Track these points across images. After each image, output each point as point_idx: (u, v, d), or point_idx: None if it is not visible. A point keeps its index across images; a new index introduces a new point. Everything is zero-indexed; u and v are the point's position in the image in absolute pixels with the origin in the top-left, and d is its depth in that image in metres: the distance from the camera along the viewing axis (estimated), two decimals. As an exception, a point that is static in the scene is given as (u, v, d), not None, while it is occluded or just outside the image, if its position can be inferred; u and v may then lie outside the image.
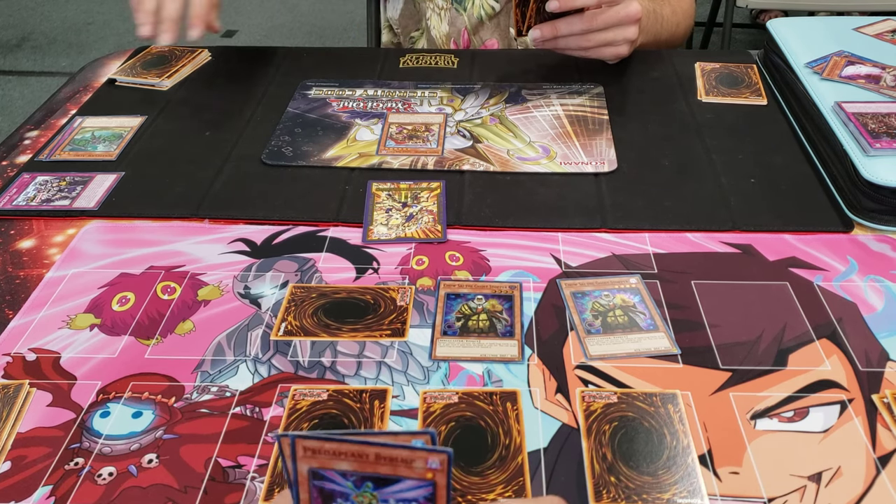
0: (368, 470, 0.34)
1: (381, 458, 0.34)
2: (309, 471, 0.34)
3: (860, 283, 0.64)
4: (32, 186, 0.76)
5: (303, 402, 0.54)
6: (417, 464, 0.33)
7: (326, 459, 0.34)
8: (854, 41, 0.89)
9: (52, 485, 0.49)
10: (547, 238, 0.69)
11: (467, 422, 0.52)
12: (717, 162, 0.79)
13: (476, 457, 0.50)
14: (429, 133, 0.83)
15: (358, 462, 0.34)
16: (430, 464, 0.33)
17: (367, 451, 0.34)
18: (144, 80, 0.95)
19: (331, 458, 0.34)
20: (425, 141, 0.82)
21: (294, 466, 0.34)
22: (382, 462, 0.34)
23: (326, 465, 0.34)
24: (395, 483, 0.34)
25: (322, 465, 0.34)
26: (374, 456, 0.34)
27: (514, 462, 0.50)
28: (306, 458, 0.34)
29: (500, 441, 0.51)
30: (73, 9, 3.40)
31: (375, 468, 0.34)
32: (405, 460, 0.33)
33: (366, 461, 0.34)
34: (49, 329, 0.61)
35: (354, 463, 0.34)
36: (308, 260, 0.67)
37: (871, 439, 0.51)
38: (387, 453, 0.34)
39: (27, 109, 2.60)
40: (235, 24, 3.25)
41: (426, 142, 0.82)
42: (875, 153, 0.69)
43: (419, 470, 0.34)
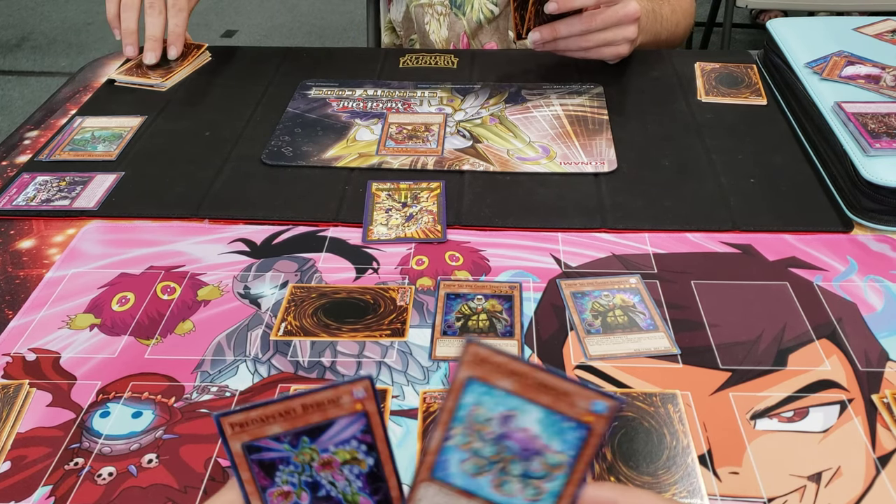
0: (300, 424, 0.33)
1: (307, 407, 0.33)
2: (243, 446, 0.34)
3: (860, 283, 0.64)
4: (32, 186, 0.76)
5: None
6: (344, 399, 0.33)
7: (256, 429, 0.33)
8: (854, 41, 0.89)
9: (51, 485, 0.49)
10: (547, 238, 0.69)
11: None
12: (717, 162, 0.79)
13: None
14: (428, 133, 0.83)
15: (288, 420, 0.33)
16: (356, 394, 0.33)
17: (292, 406, 0.33)
18: (144, 80, 0.95)
19: (260, 426, 0.33)
20: (425, 141, 0.82)
21: (227, 447, 0.34)
22: (311, 410, 0.33)
23: (258, 434, 0.33)
24: (329, 428, 0.33)
25: (253, 435, 0.33)
26: (300, 408, 0.33)
27: None
28: (236, 435, 0.33)
29: None
30: (73, 9, 3.40)
31: (306, 420, 0.33)
32: (332, 400, 0.33)
33: (295, 416, 0.33)
34: (49, 329, 0.61)
35: (285, 422, 0.33)
36: (308, 260, 0.67)
37: (870, 439, 0.51)
38: (311, 399, 0.33)
39: (27, 109, 2.60)
40: (235, 24, 3.25)
41: (426, 142, 0.82)
42: (875, 153, 0.69)
43: (348, 405, 0.33)
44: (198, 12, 3.30)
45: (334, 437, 0.34)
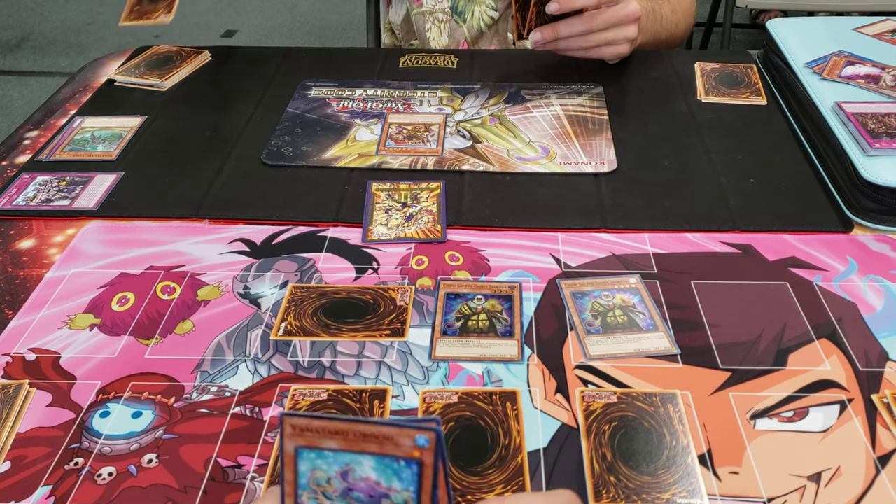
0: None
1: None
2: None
3: (860, 283, 0.64)
4: (32, 186, 0.76)
5: (303, 402, 0.54)
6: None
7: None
8: (854, 41, 0.89)
9: (51, 485, 0.49)
10: (546, 238, 0.69)
11: (467, 422, 0.52)
12: (717, 162, 0.79)
13: (476, 457, 0.50)
14: (428, 133, 0.83)
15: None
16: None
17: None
18: (144, 80, 0.95)
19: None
20: (425, 141, 0.82)
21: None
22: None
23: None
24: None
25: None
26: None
27: (513, 462, 0.50)
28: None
29: (499, 441, 0.51)
30: (73, 9, 3.40)
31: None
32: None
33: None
34: (49, 329, 0.61)
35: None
36: (308, 260, 0.67)
37: (870, 439, 0.51)
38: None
39: (27, 109, 2.60)
40: (235, 25, 3.25)
41: (426, 142, 0.82)
42: (875, 153, 0.69)
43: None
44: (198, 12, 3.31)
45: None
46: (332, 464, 0.34)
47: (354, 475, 0.34)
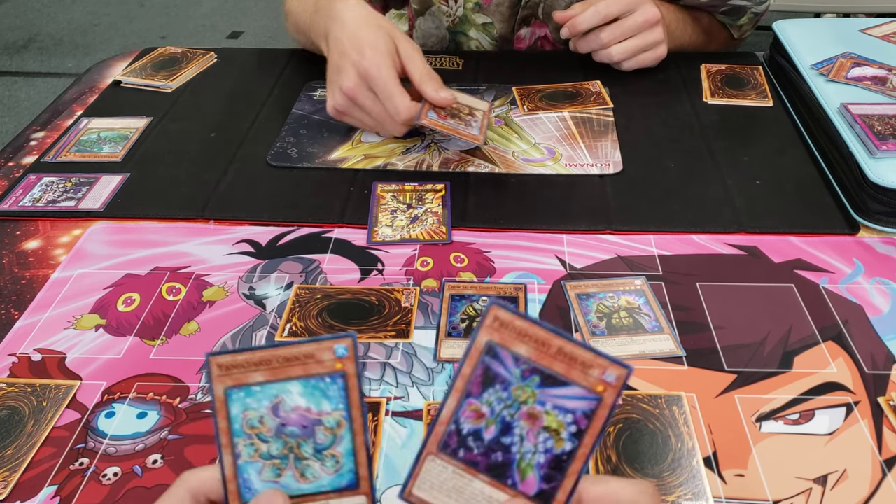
0: (544, 362, 0.32)
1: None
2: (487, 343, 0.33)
3: (866, 286, 0.64)
4: (38, 187, 0.77)
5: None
6: (594, 372, 0.32)
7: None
8: (860, 43, 0.88)
9: (57, 485, 0.49)
10: (551, 240, 0.69)
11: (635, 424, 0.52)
12: (723, 164, 0.78)
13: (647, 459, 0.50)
14: (472, 118, 0.79)
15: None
16: (607, 376, 0.32)
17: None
18: (150, 81, 0.95)
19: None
20: (468, 124, 0.78)
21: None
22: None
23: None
24: (562, 387, 0.33)
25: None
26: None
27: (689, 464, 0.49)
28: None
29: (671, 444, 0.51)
30: (80, 10, 3.41)
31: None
32: (584, 363, 0.32)
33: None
34: (55, 329, 0.61)
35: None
36: (313, 261, 0.67)
37: (876, 442, 0.51)
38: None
39: (33, 110, 2.61)
40: (241, 26, 3.25)
41: (468, 125, 0.78)
42: (881, 155, 0.69)
43: (593, 380, 0.32)
44: (203, 14, 3.31)
45: (561, 397, 0.33)
46: (262, 399, 0.34)
47: (285, 407, 0.34)
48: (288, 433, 0.34)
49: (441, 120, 0.75)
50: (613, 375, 0.32)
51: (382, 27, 0.76)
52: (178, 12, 3.36)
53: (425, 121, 0.73)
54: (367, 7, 0.79)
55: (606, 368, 0.32)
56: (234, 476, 0.34)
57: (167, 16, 3.33)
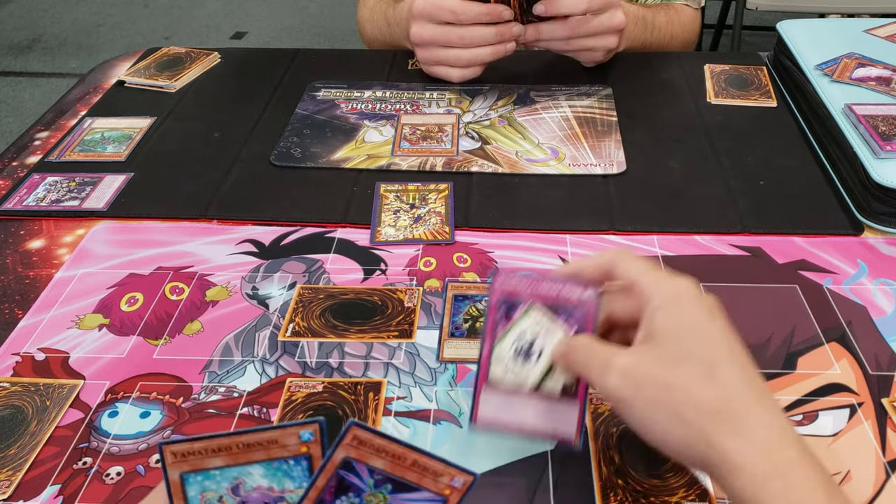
0: (398, 473, 0.34)
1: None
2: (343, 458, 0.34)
3: (870, 286, 0.64)
4: (42, 187, 0.77)
5: (298, 393, 0.54)
6: (443, 479, 0.34)
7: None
8: (865, 43, 0.88)
9: (60, 484, 0.49)
10: (555, 240, 0.69)
11: None
12: (726, 164, 0.78)
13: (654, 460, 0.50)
14: (442, 133, 0.83)
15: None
16: (454, 482, 0.34)
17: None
18: (154, 81, 0.95)
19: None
20: (439, 141, 0.82)
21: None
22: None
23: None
24: (413, 492, 0.34)
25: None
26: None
27: None
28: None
29: None
30: (84, 11, 3.42)
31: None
32: (435, 472, 0.34)
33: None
34: (58, 329, 0.61)
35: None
36: (316, 261, 0.67)
37: (880, 443, 0.51)
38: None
39: (38, 110, 2.62)
40: (244, 26, 3.26)
41: (440, 142, 0.82)
42: (885, 155, 0.69)
43: (442, 485, 0.34)
44: (207, 14, 3.32)
45: (410, 501, 0.34)
46: (221, 481, 0.34)
47: (245, 487, 0.34)
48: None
49: None
50: (460, 481, 0.34)
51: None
52: (181, 13, 3.36)
53: None
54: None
55: (455, 476, 0.34)
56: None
57: (171, 16, 3.34)
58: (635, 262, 0.47)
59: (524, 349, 0.46)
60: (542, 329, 0.46)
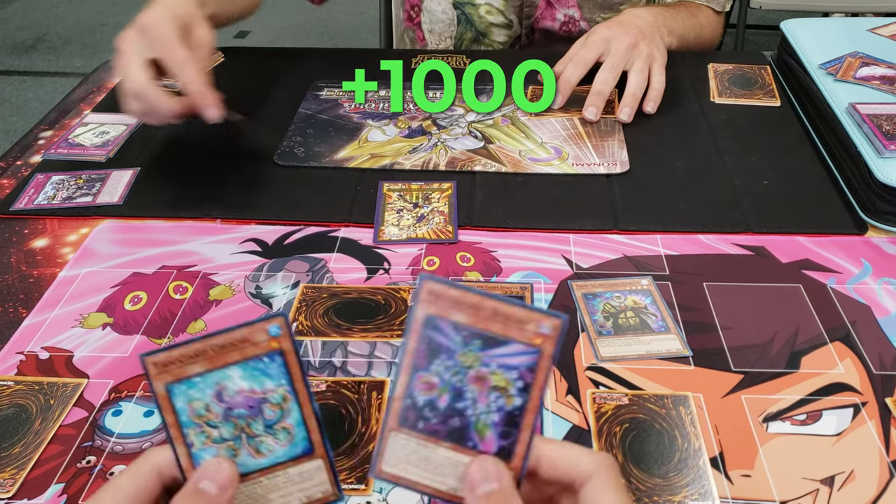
0: (481, 326, 0.34)
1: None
2: (426, 317, 0.34)
3: (874, 286, 0.63)
4: (50, 186, 0.77)
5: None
6: (529, 326, 0.33)
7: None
8: (869, 42, 0.88)
9: (64, 483, 0.49)
10: (558, 239, 0.69)
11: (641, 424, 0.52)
12: (730, 163, 0.78)
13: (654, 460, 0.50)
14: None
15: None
16: (542, 329, 0.33)
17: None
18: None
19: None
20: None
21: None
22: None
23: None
24: (503, 345, 0.34)
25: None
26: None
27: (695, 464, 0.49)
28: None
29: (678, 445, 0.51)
30: (87, 10, 3.42)
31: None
32: (519, 320, 0.33)
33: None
34: (62, 328, 0.61)
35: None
36: (319, 260, 0.67)
37: (884, 443, 0.51)
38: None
39: (42, 109, 2.62)
40: (248, 25, 3.26)
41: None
42: (889, 155, 0.69)
43: (530, 334, 0.33)
44: (211, 13, 3.31)
45: (504, 356, 0.34)
46: (204, 388, 0.34)
47: (228, 392, 0.35)
48: (236, 415, 0.35)
49: None
50: (548, 326, 0.33)
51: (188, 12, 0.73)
52: (185, 12, 3.36)
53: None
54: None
55: (541, 321, 0.33)
56: (190, 465, 0.35)
57: (175, 15, 3.33)
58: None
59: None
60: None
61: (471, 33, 1.08)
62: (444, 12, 1.06)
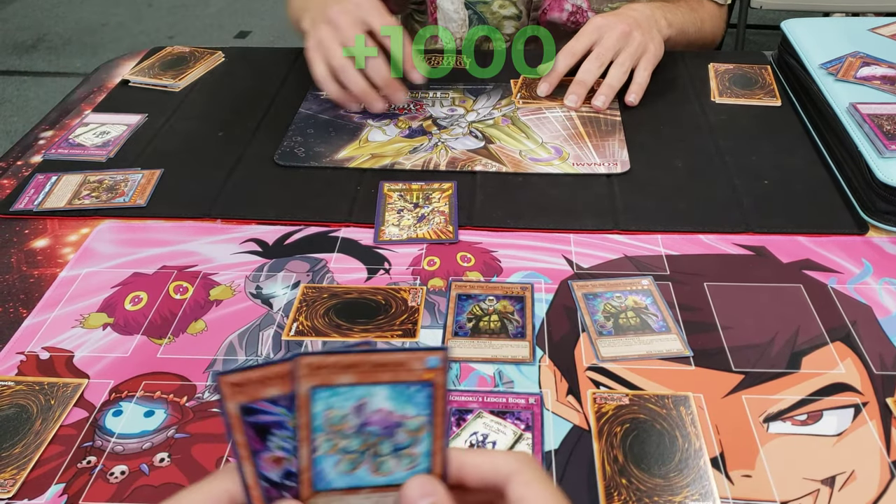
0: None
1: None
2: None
3: (875, 286, 0.63)
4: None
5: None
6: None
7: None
8: (869, 42, 0.88)
9: (64, 483, 0.49)
10: (558, 239, 0.69)
11: (642, 424, 0.52)
12: (731, 163, 0.78)
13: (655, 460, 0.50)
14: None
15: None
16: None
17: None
18: (158, 80, 0.96)
19: (258, 388, 0.33)
20: None
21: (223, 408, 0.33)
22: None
23: (255, 395, 0.33)
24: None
25: (251, 396, 0.33)
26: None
27: (696, 465, 0.50)
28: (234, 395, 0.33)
29: (678, 445, 0.51)
30: (88, 10, 3.42)
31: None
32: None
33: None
34: (62, 328, 0.61)
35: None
36: (319, 260, 0.67)
37: (885, 443, 0.51)
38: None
39: (42, 109, 2.62)
40: (248, 26, 3.26)
41: None
42: (890, 154, 0.69)
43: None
44: (211, 14, 3.32)
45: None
46: (347, 399, 0.34)
47: (368, 408, 0.34)
48: (370, 431, 0.35)
49: None
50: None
51: None
52: (185, 12, 3.37)
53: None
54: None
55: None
56: (308, 467, 0.35)
57: (175, 16, 3.34)
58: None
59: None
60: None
61: (482, 31, 1.08)
62: (456, 11, 1.06)
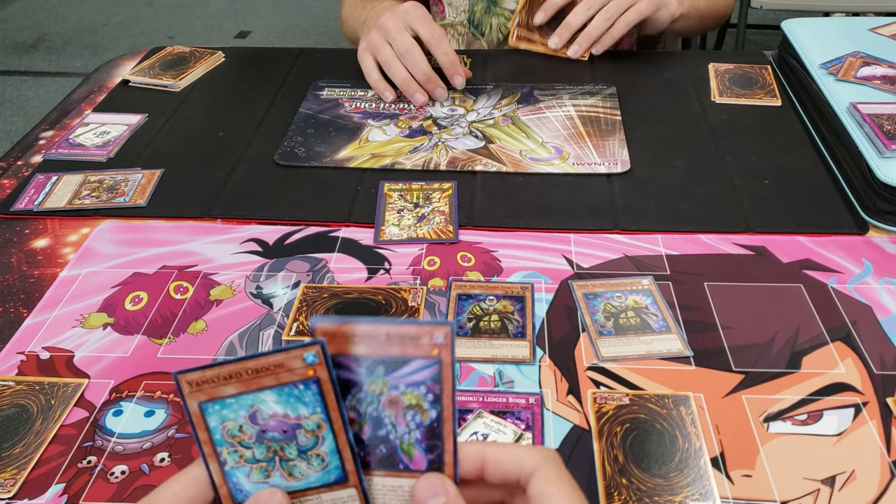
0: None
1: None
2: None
3: (875, 286, 0.63)
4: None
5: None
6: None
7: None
8: (870, 42, 0.88)
9: (64, 483, 0.49)
10: (559, 239, 0.69)
11: (642, 424, 0.52)
12: (731, 163, 0.78)
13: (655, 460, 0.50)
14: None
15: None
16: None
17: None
18: (158, 80, 0.96)
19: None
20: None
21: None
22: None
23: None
24: (404, 365, 0.34)
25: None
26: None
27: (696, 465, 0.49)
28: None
29: (678, 444, 0.51)
30: (88, 10, 3.42)
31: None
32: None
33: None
34: (63, 328, 0.61)
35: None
36: (320, 260, 0.67)
37: (885, 443, 0.51)
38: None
39: (42, 109, 2.62)
40: (249, 25, 3.26)
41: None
42: (890, 154, 0.69)
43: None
44: (211, 14, 3.32)
45: (408, 374, 0.34)
46: (238, 409, 0.34)
47: (262, 415, 0.35)
48: (269, 438, 0.35)
49: None
50: (441, 336, 0.34)
51: None
52: (186, 12, 3.37)
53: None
54: None
55: (432, 333, 0.34)
56: (223, 481, 0.36)
57: (175, 15, 3.34)
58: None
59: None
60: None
61: (483, 3, 1.08)
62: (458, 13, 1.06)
